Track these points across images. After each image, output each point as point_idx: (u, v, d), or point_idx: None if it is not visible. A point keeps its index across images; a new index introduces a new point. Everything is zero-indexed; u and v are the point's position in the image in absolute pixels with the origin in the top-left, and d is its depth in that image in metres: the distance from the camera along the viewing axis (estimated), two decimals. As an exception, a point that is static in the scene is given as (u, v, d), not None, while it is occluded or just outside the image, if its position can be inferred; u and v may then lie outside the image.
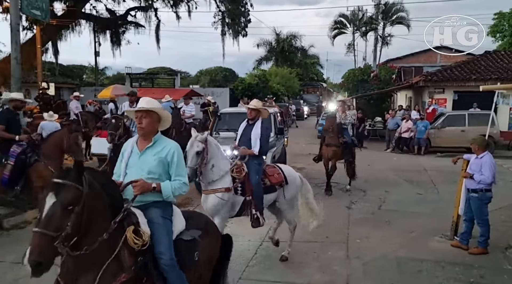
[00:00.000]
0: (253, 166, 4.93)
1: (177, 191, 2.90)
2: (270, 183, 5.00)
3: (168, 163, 2.92)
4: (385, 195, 8.50)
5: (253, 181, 4.83)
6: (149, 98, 3.08)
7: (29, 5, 9.81)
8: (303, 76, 44.83)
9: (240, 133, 5.28)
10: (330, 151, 8.51)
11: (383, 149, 15.76)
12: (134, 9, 20.99)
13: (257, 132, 5.07)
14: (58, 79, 25.54)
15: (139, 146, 3.00)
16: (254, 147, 5.00)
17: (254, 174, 4.88)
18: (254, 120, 5.21)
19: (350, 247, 5.62)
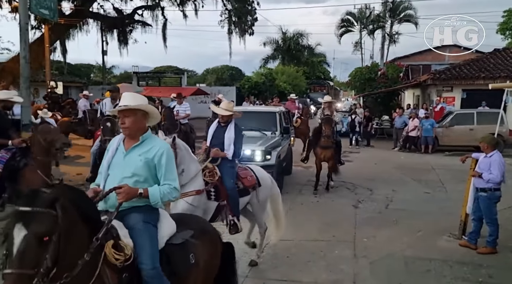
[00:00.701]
0: (227, 169, 4.71)
1: (166, 197, 2.63)
2: (244, 186, 4.79)
3: (155, 166, 2.64)
4: (392, 194, 8.46)
5: (228, 185, 4.61)
6: (131, 94, 2.80)
7: (38, 5, 9.89)
8: (310, 74, 44.69)
9: (211, 135, 5.03)
10: (328, 153, 8.52)
11: (390, 148, 15.67)
12: (141, 8, 21.06)
13: (230, 135, 4.86)
14: (66, 78, 25.74)
15: (125, 144, 2.72)
16: (228, 150, 4.78)
17: (229, 177, 4.66)
18: (227, 122, 4.99)
19: (357, 246, 5.60)
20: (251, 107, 15.27)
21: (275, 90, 31.54)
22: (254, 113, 9.95)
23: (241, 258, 5.07)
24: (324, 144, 8.49)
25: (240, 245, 5.49)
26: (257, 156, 7.76)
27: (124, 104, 2.66)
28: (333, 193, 8.50)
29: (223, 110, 5.00)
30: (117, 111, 2.68)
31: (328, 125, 8.36)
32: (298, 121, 12.60)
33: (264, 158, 7.77)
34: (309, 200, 8.01)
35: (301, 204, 7.73)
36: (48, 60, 17.91)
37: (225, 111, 4.98)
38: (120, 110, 2.65)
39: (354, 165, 11.77)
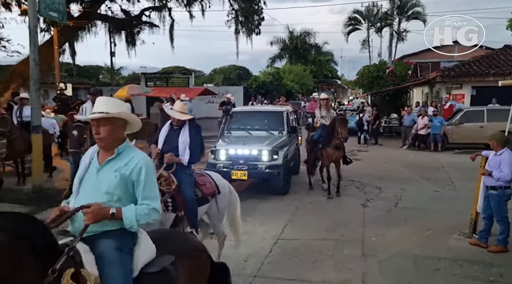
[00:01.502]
0: (185, 177, 4.31)
1: (143, 219, 2.25)
2: (202, 194, 4.43)
3: (133, 183, 2.29)
4: (401, 192, 8.40)
5: (186, 195, 4.23)
6: (107, 99, 2.43)
7: (47, 8, 10.00)
8: (317, 73, 44.59)
9: (163, 139, 4.56)
10: (340, 154, 8.19)
11: (399, 146, 15.57)
12: (148, 9, 21.18)
13: (185, 139, 4.44)
14: (75, 80, 26.00)
15: (100, 157, 2.37)
16: (183, 155, 4.38)
17: (187, 186, 4.28)
18: (180, 124, 4.55)
19: (366, 245, 5.57)
20: (258, 107, 15.29)
21: (282, 90, 31.53)
22: (261, 113, 9.98)
23: (249, 258, 5.09)
24: (336, 144, 8.05)
25: (247, 246, 5.51)
26: (264, 156, 7.78)
27: (100, 111, 2.29)
28: (342, 192, 8.46)
29: (179, 114, 4.52)
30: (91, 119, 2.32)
31: (344, 127, 7.89)
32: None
33: (271, 157, 7.78)
34: (317, 199, 8.00)
35: (309, 203, 7.71)
36: (57, 62, 18.09)
37: (181, 115, 4.50)
38: (95, 118, 2.28)
39: (363, 163, 11.71)
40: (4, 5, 16.59)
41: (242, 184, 8.52)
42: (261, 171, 7.77)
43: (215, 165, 7.92)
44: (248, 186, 8.66)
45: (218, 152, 8.03)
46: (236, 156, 7.86)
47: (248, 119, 9.33)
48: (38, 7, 9.06)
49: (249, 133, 8.76)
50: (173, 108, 4.69)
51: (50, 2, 10.03)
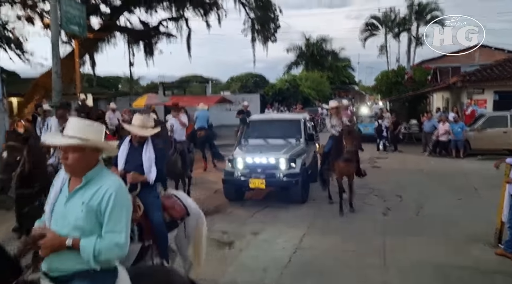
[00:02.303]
0: (152, 201, 3.84)
1: (103, 255, 2.00)
2: (171, 218, 3.97)
3: (101, 212, 2.05)
4: (422, 201, 8.23)
5: (155, 220, 3.73)
6: (80, 121, 2.20)
7: (68, 22, 10.29)
8: (334, 79, 44.39)
9: (123, 158, 3.98)
10: (351, 168, 7.54)
11: (419, 153, 15.29)
12: (166, 20, 21.53)
13: (150, 155, 3.94)
14: (95, 90, 26.54)
15: (70, 183, 2.14)
16: (149, 173, 3.88)
17: (155, 211, 3.79)
18: (142, 142, 4.03)
19: (387, 255, 5.46)
20: (274, 115, 15.28)
21: (299, 97, 31.47)
22: (278, 121, 9.97)
23: (267, 268, 5.06)
24: (347, 156, 7.32)
25: (266, 255, 5.48)
26: (281, 164, 7.76)
27: (71, 135, 2.08)
28: (361, 200, 8.34)
29: (142, 129, 3.97)
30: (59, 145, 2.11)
31: (349, 139, 7.14)
32: None
33: (289, 165, 7.74)
34: (336, 207, 7.88)
35: (328, 212, 7.62)
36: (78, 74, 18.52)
37: (144, 131, 3.97)
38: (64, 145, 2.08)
39: (382, 170, 11.55)
40: (28, 19, 17.14)
41: (260, 192, 8.51)
42: (279, 179, 7.73)
43: (232, 173, 7.94)
44: (266, 195, 8.64)
45: (235, 160, 8.04)
46: (254, 164, 7.85)
47: (265, 127, 9.33)
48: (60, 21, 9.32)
49: (266, 141, 8.75)
50: (133, 122, 4.06)
51: (71, 16, 10.32)
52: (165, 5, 20.54)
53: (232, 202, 8.20)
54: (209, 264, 5.21)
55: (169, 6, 20.55)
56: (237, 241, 6.05)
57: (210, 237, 6.18)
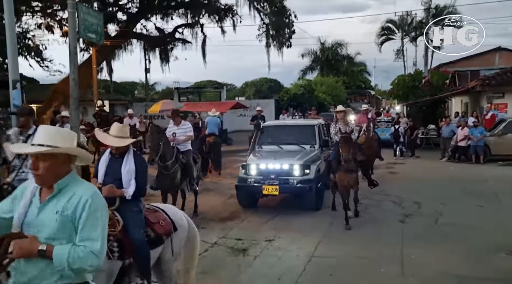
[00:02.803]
0: (132, 215, 3.57)
1: (77, 263, 1.89)
2: (156, 234, 3.65)
3: (77, 220, 1.96)
4: (441, 208, 8.02)
5: (135, 237, 3.46)
6: (50, 130, 2.13)
7: (86, 29, 10.44)
8: (350, 84, 44.05)
9: (103, 171, 3.79)
10: (352, 178, 7.09)
11: (437, 158, 14.98)
12: (181, 26, 21.74)
13: (130, 168, 3.68)
14: (112, 96, 26.95)
15: (42, 193, 2.05)
16: (127, 187, 3.64)
17: (136, 226, 3.53)
18: (123, 152, 3.79)
19: (405, 264, 5.31)
20: (289, 120, 15.17)
21: (314, 102, 31.29)
22: (292, 127, 9.89)
23: (282, 277, 4.98)
24: (347, 167, 6.97)
25: (281, 263, 5.40)
26: (295, 171, 7.66)
27: (40, 143, 1.99)
28: (378, 207, 8.19)
29: (114, 139, 3.70)
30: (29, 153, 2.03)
31: (346, 147, 6.79)
32: (363, 137, 10.12)
33: (303, 172, 7.64)
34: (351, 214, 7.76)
35: (343, 219, 7.49)
36: (95, 80, 18.84)
37: (117, 141, 3.69)
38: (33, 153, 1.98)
39: (399, 176, 11.34)
40: (48, 27, 17.55)
41: (274, 199, 8.43)
42: (292, 186, 7.63)
43: (246, 179, 7.88)
44: (280, 201, 8.56)
45: (249, 166, 7.98)
46: (267, 171, 7.77)
47: (279, 133, 9.25)
48: (78, 29, 9.47)
49: (281, 147, 8.65)
50: (110, 132, 3.77)
51: (89, 24, 10.47)
52: (180, 12, 20.76)
53: (246, 208, 8.14)
54: (223, 271, 5.17)
55: (184, 13, 20.77)
56: (251, 248, 5.98)
57: (225, 244, 6.18)
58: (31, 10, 16.82)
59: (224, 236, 6.57)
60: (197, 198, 7.89)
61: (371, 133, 10.21)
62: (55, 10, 17.35)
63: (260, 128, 9.62)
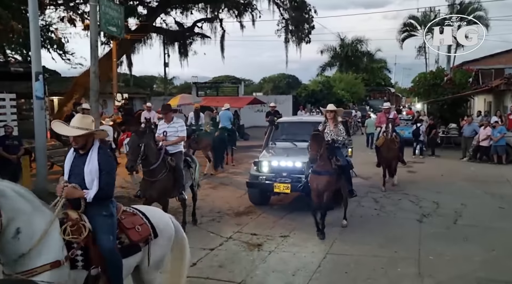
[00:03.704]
0: (101, 220, 3.17)
1: None
2: (131, 241, 3.30)
3: None
4: (461, 208, 7.84)
5: (104, 245, 3.10)
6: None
7: (107, 23, 10.55)
8: (369, 81, 43.50)
9: (68, 168, 3.37)
10: (322, 180, 6.30)
11: (458, 158, 14.64)
12: (200, 21, 21.80)
13: (92, 167, 3.24)
14: (131, 90, 27.27)
15: None
16: (90, 188, 3.23)
17: (104, 233, 3.14)
18: (86, 148, 3.32)
19: (422, 264, 5.22)
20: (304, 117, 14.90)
21: (332, 98, 31.01)
22: (306, 123, 9.60)
23: (296, 273, 4.95)
24: (318, 168, 6.35)
25: (296, 259, 5.38)
26: (308, 169, 7.43)
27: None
28: (395, 206, 8.06)
29: (72, 129, 3.29)
30: None
31: (314, 145, 6.14)
32: (381, 139, 9.46)
33: None
34: (368, 212, 7.67)
35: (360, 217, 7.42)
36: (115, 74, 19.08)
37: (74, 131, 3.26)
38: None
39: (418, 175, 11.14)
40: (70, 21, 17.83)
41: (288, 197, 8.36)
42: (305, 185, 7.26)
43: (257, 177, 7.72)
44: (295, 198, 8.47)
45: (260, 163, 7.80)
46: (279, 168, 7.59)
47: (293, 130, 8.99)
48: (99, 22, 9.58)
49: (294, 144, 8.38)
50: (71, 123, 3.36)
51: (110, 17, 10.58)
52: (200, 6, 20.80)
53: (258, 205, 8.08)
54: (237, 265, 5.18)
55: (204, 7, 20.80)
56: (266, 243, 5.98)
57: (239, 238, 6.18)
58: (54, 3, 17.10)
59: (239, 230, 6.58)
60: (195, 205, 7.05)
61: (389, 135, 9.25)
62: (77, 3, 17.61)
63: (274, 124, 9.45)
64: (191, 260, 4.01)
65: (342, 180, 6.70)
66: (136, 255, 3.36)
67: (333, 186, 6.49)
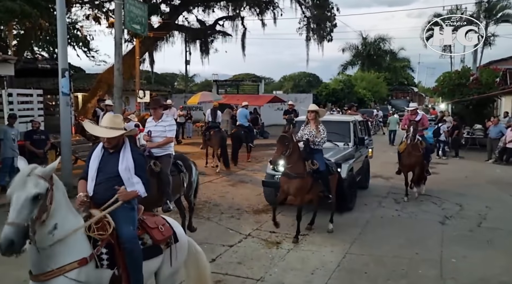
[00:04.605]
0: (123, 212, 3.06)
1: None
2: (153, 241, 3.14)
3: None
4: (485, 211, 7.64)
5: (125, 234, 2.97)
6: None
7: (131, 21, 10.73)
8: (392, 80, 42.80)
9: (95, 169, 3.20)
10: (293, 184, 5.95)
11: (483, 160, 14.26)
12: (222, 19, 21.94)
13: (128, 164, 3.17)
14: (152, 87, 27.65)
15: None
16: (132, 186, 3.13)
17: (126, 223, 3.03)
18: (117, 146, 3.23)
19: (444, 267, 5.12)
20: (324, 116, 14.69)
21: (353, 97, 30.69)
22: (325, 123, 9.42)
23: (315, 271, 4.94)
24: (289, 170, 6.01)
25: (314, 258, 5.35)
26: None
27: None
28: (417, 207, 7.92)
29: (105, 130, 3.20)
30: None
31: (278, 147, 5.82)
32: (403, 143, 8.57)
33: (333, 170, 7.07)
34: (389, 213, 7.57)
35: (381, 217, 7.32)
36: (138, 71, 19.38)
37: (107, 132, 3.17)
38: None
39: (441, 177, 10.90)
40: (95, 18, 18.23)
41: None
42: None
43: (273, 175, 7.53)
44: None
45: (276, 162, 7.76)
46: None
47: None
48: (123, 20, 9.75)
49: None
50: (101, 123, 3.31)
51: (134, 15, 10.75)
52: (222, 4, 20.92)
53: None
54: (256, 262, 5.20)
55: (226, 5, 20.93)
56: (285, 241, 5.97)
57: (258, 236, 6.20)
58: (80, 1, 17.50)
59: (258, 228, 6.59)
60: (192, 217, 6.15)
61: (410, 139, 8.10)
62: (102, 1, 17.98)
63: (292, 123, 9.32)
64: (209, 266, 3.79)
65: (319, 185, 6.23)
66: (157, 258, 3.19)
67: (304, 190, 6.03)
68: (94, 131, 3.39)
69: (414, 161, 8.32)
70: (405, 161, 8.44)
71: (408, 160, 8.35)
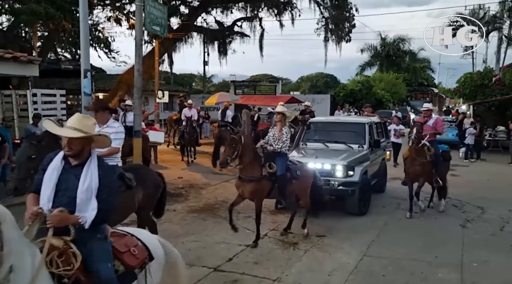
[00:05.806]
0: (96, 245, 2.58)
1: None
2: (126, 268, 2.75)
3: None
4: (508, 215, 7.46)
5: (104, 276, 2.53)
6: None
7: (151, 22, 10.85)
8: (411, 81, 42.13)
9: (54, 183, 2.58)
10: (247, 187, 5.79)
11: (506, 162, 13.91)
12: (240, 20, 22.04)
13: (90, 183, 2.56)
14: (171, 88, 27.98)
15: None
16: (84, 211, 2.53)
17: (103, 260, 2.58)
18: (82, 157, 2.64)
19: (465, 271, 5.03)
20: (337, 117, 14.50)
21: (372, 98, 30.36)
22: (340, 124, 9.15)
23: (332, 273, 4.92)
24: (243, 174, 5.84)
25: (332, 259, 5.34)
26: (337, 172, 7.07)
27: None
28: (436, 210, 7.80)
29: (68, 130, 2.62)
30: None
31: (228, 149, 5.65)
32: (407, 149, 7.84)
33: (346, 173, 7.01)
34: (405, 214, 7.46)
35: (399, 220, 7.23)
36: (157, 72, 19.65)
37: (70, 132, 2.59)
38: None
39: (462, 179, 10.70)
40: (116, 20, 18.56)
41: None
42: (333, 188, 7.07)
43: None
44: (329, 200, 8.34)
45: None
46: None
47: (325, 130, 8.66)
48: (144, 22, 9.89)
49: (326, 145, 8.06)
50: (66, 124, 2.71)
51: (154, 17, 10.87)
52: (240, 6, 21.02)
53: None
54: (272, 262, 5.22)
55: (244, 6, 21.01)
56: (302, 242, 5.97)
57: (275, 236, 6.21)
58: (102, 3, 17.85)
59: (275, 228, 6.61)
60: None
61: (412, 142, 7.35)
62: (123, 3, 18.29)
63: (306, 124, 9.08)
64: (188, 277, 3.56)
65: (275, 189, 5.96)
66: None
67: (260, 194, 5.85)
68: (53, 129, 2.78)
69: (420, 170, 7.33)
70: (408, 169, 7.54)
71: (412, 168, 7.42)
